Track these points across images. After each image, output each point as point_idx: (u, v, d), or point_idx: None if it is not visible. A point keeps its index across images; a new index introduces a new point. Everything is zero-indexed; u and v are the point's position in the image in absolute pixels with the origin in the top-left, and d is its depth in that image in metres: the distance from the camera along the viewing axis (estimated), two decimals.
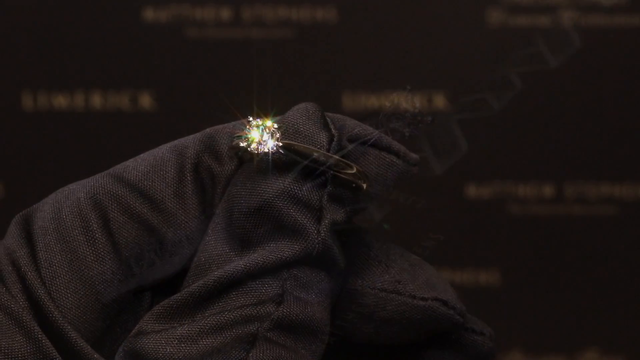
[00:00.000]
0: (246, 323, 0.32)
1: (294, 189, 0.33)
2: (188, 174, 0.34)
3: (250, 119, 0.34)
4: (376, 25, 0.93)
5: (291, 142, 0.33)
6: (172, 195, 0.34)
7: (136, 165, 0.34)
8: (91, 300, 0.32)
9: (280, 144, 0.33)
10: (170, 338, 0.31)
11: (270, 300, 0.32)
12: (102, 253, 0.33)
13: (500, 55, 0.93)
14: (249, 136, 0.34)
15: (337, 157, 0.33)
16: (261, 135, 0.34)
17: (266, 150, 0.33)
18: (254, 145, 0.33)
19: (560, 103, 0.94)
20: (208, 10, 0.94)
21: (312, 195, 0.33)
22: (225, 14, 0.94)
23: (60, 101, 0.94)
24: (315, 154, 0.33)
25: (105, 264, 0.33)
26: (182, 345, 0.31)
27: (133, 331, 0.32)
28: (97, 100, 0.94)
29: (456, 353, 0.36)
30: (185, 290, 0.32)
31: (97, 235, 0.33)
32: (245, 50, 0.94)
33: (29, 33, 0.93)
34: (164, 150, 0.35)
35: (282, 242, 0.33)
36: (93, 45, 0.93)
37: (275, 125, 0.34)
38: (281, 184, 0.33)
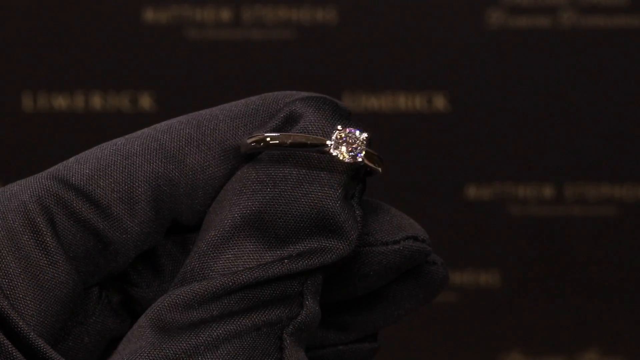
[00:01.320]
0: (275, 325, 0.31)
1: (345, 189, 0.32)
2: (137, 180, 0.33)
3: (340, 127, 0.33)
4: (376, 26, 0.93)
5: (370, 150, 0.33)
6: (117, 200, 0.33)
7: (80, 168, 0.34)
8: (50, 304, 0.32)
9: (364, 151, 0.33)
10: (200, 341, 0.31)
11: (293, 299, 0.32)
12: (55, 256, 0.32)
13: (500, 56, 0.93)
14: (341, 141, 0.33)
15: (370, 150, 0.33)
16: (352, 143, 0.33)
17: (359, 160, 0.32)
18: (346, 152, 0.33)
19: (560, 103, 0.94)
20: (208, 11, 0.94)
21: (351, 193, 0.33)
22: (225, 14, 0.94)
23: (60, 102, 0.94)
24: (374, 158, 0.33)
25: (58, 267, 0.32)
26: (215, 347, 0.31)
27: (150, 316, 0.31)
28: (97, 101, 0.94)
29: (415, 284, 0.35)
30: (216, 280, 0.31)
31: (47, 239, 0.32)
32: (245, 51, 0.94)
33: (29, 33, 0.93)
34: (107, 152, 0.34)
35: (325, 241, 0.32)
36: (93, 46, 0.93)
37: (365, 135, 0.33)
38: (335, 183, 0.32)
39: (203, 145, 0.34)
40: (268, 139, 0.33)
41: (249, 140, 0.33)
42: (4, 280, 0.32)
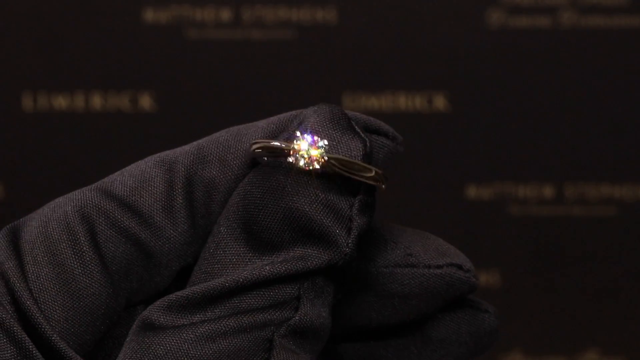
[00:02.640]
0: (263, 327, 0.31)
1: (327, 194, 0.32)
2: (178, 188, 0.33)
3: (298, 133, 0.33)
4: (376, 26, 0.93)
5: (339, 156, 0.32)
6: (160, 209, 0.33)
7: (123, 180, 0.34)
8: (79, 313, 0.32)
9: (326, 158, 0.32)
10: (187, 337, 0.31)
11: (287, 303, 0.32)
12: (90, 266, 0.33)
13: (501, 56, 0.93)
14: (294, 146, 0.33)
15: (359, 162, 0.33)
16: (308, 149, 0.33)
17: (316, 166, 0.32)
18: (302, 156, 0.32)
19: (560, 103, 0.94)
20: (208, 11, 0.94)
21: (343, 204, 0.32)
22: (225, 14, 0.94)
23: (60, 102, 0.94)
24: (358, 169, 0.32)
25: (92, 277, 0.32)
26: (199, 345, 0.31)
27: (139, 321, 0.32)
28: (97, 101, 0.94)
29: (464, 330, 0.35)
30: (202, 285, 0.32)
31: (84, 248, 0.33)
32: (245, 51, 0.94)
33: (29, 33, 0.93)
34: (150, 164, 0.34)
35: (310, 249, 0.32)
36: (93, 46, 0.93)
37: (326, 142, 0.33)
38: (313, 190, 0.32)
39: (239, 151, 0.34)
40: (256, 145, 0.33)
41: (252, 147, 0.33)
42: (35, 283, 0.32)
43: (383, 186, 0.33)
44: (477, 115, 0.94)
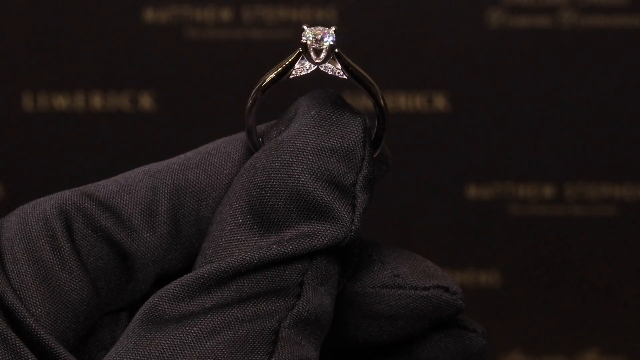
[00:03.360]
0: (269, 317, 0.31)
1: (331, 170, 0.32)
2: (161, 193, 0.34)
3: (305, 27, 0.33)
4: (376, 25, 0.93)
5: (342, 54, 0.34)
6: (138, 213, 0.33)
7: (106, 185, 0.34)
8: (60, 309, 0.32)
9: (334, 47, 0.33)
10: (191, 331, 0.31)
11: (290, 290, 0.31)
12: (69, 262, 0.33)
13: (501, 56, 0.93)
14: (309, 34, 0.33)
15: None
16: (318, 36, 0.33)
17: (325, 45, 0.33)
18: (312, 35, 0.33)
19: (560, 103, 0.94)
20: (208, 11, 0.94)
21: (348, 180, 0.33)
22: (226, 14, 0.94)
23: (61, 102, 0.94)
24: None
25: (72, 273, 0.33)
26: (204, 338, 0.30)
27: (146, 308, 0.31)
28: (97, 100, 0.94)
29: (453, 350, 0.35)
30: (208, 266, 0.31)
31: (62, 244, 0.33)
32: (245, 51, 0.94)
33: (29, 33, 0.93)
34: (136, 172, 0.35)
35: (315, 225, 0.32)
36: (93, 46, 0.93)
37: (334, 28, 0.33)
38: (316, 164, 0.32)
39: (226, 154, 0.35)
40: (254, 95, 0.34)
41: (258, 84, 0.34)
42: (16, 280, 0.32)
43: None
44: (477, 115, 0.94)
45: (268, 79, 0.34)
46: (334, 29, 0.33)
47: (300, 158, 0.32)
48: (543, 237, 0.95)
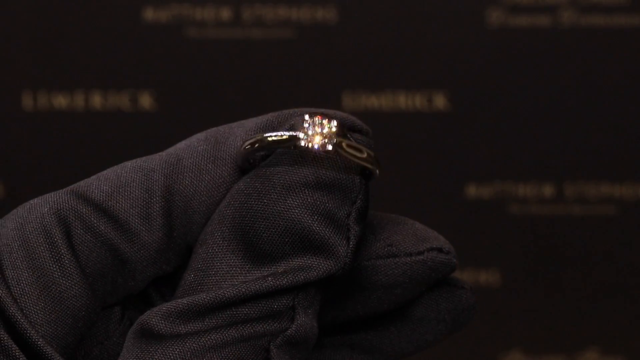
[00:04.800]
0: (259, 338, 0.31)
1: (326, 204, 0.32)
2: (155, 195, 0.33)
3: (307, 117, 0.33)
4: (376, 25, 0.93)
5: (348, 141, 0.32)
6: (136, 216, 0.33)
7: (100, 185, 0.34)
8: (61, 316, 0.32)
9: (336, 140, 0.32)
10: (186, 348, 0.31)
11: (283, 314, 0.32)
12: (69, 269, 0.32)
13: (501, 55, 0.93)
14: (310, 133, 0.32)
15: (370, 152, 0.33)
16: (325, 132, 0.32)
17: (329, 147, 0.32)
18: (318, 140, 0.32)
19: (560, 102, 0.94)
20: (208, 10, 0.94)
21: (342, 212, 0.33)
22: (226, 14, 0.94)
23: (61, 101, 0.94)
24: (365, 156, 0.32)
25: (72, 280, 0.32)
26: (202, 354, 0.31)
27: (139, 326, 0.32)
28: (97, 100, 0.94)
29: (442, 307, 0.35)
30: (201, 295, 0.32)
31: (62, 251, 0.33)
32: (245, 50, 0.94)
33: (29, 33, 0.93)
34: (128, 169, 0.34)
35: (311, 259, 0.32)
36: (93, 45, 0.93)
37: (335, 122, 0.32)
38: (311, 198, 0.32)
39: (219, 160, 0.34)
40: (249, 141, 0.33)
41: (244, 144, 0.33)
42: (16, 288, 0.32)
43: (377, 171, 0.33)
44: (477, 115, 0.94)
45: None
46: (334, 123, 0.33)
47: (296, 191, 0.32)
48: (543, 236, 0.95)
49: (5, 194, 0.95)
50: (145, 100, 0.94)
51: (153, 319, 0.31)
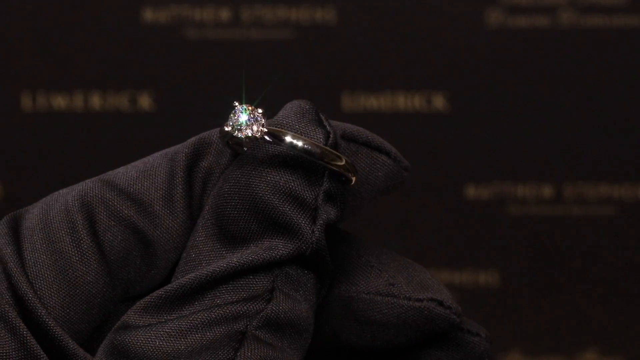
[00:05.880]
0: (235, 320, 0.31)
1: (290, 185, 0.32)
2: (178, 178, 0.34)
3: (236, 104, 0.34)
4: (376, 26, 0.93)
5: (279, 129, 0.33)
6: (160, 199, 0.33)
7: (126, 172, 0.34)
8: (75, 301, 0.32)
9: (266, 129, 0.33)
10: (159, 333, 0.31)
11: (260, 296, 0.32)
12: (87, 254, 0.33)
13: (500, 56, 0.94)
14: (236, 121, 0.33)
15: (328, 148, 0.33)
16: (248, 121, 0.33)
17: (250, 134, 0.33)
18: (244, 130, 0.33)
19: (560, 103, 0.94)
20: (207, 11, 0.94)
21: (307, 193, 0.33)
22: (225, 14, 0.94)
23: (60, 102, 0.94)
24: (306, 144, 0.32)
25: (90, 265, 0.33)
26: (171, 340, 0.31)
27: (118, 324, 0.32)
28: (96, 100, 0.94)
29: (452, 354, 0.35)
30: (175, 283, 0.32)
31: (82, 236, 0.33)
32: (244, 50, 0.94)
33: (28, 33, 0.93)
34: (155, 156, 0.35)
35: (276, 240, 0.32)
36: (92, 46, 0.93)
37: (260, 110, 0.33)
38: (275, 179, 0.33)
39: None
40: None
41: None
42: (32, 269, 0.32)
43: (353, 178, 0.33)
44: (476, 115, 0.94)
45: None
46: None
47: (260, 171, 0.33)
48: (542, 237, 0.95)
49: (4, 195, 0.95)
50: (144, 101, 0.94)
51: (129, 315, 0.32)
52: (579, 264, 0.95)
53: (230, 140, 0.33)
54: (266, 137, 0.33)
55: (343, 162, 0.33)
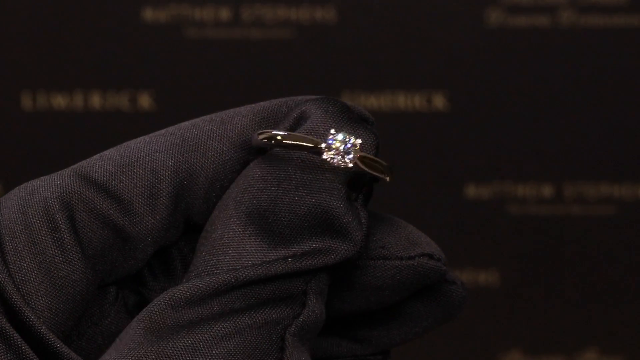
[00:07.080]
0: (276, 324, 0.31)
1: (347, 191, 0.33)
2: (160, 175, 0.34)
3: (333, 130, 0.33)
4: (376, 25, 0.93)
5: (368, 155, 0.33)
6: (139, 195, 0.33)
7: (103, 164, 0.34)
8: (62, 302, 0.32)
9: (359, 155, 0.33)
10: (203, 337, 0.31)
11: (297, 298, 0.32)
12: (71, 254, 0.32)
13: (500, 55, 0.93)
14: (333, 146, 0.33)
15: (371, 156, 0.33)
16: (343, 148, 0.33)
17: (349, 164, 0.32)
18: (336, 156, 0.33)
19: (560, 102, 0.94)
20: (207, 11, 0.94)
21: (353, 196, 0.33)
22: (225, 14, 0.94)
23: (60, 101, 0.94)
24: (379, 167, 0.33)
25: (74, 265, 0.32)
26: (215, 344, 0.31)
27: (144, 318, 0.31)
28: (96, 100, 0.94)
29: (431, 304, 0.35)
30: (218, 277, 0.31)
31: (64, 236, 0.32)
32: (244, 50, 0.94)
33: (28, 33, 0.93)
34: (131, 149, 0.35)
35: (329, 242, 0.32)
36: (92, 45, 0.93)
37: (359, 141, 0.33)
38: (337, 186, 0.33)
39: (224, 138, 0.35)
40: (278, 137, 0.33)
41: (260, 137, 0.33)
42: (17, 274, 0.32)
43: (388, 178, 0.33)
44: (476, 115, 0.94)
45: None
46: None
47: (318, 175, 0.33)
48: (542, 236, 0.95)
49: (4, 194, 0.95)
50: (145, 101, 0.94)
51: (157, 312, 0.31)
52: (579, 263, 0.95)
53: (274, 141, 0.33)
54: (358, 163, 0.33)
55: (383, 165, 0.33)
